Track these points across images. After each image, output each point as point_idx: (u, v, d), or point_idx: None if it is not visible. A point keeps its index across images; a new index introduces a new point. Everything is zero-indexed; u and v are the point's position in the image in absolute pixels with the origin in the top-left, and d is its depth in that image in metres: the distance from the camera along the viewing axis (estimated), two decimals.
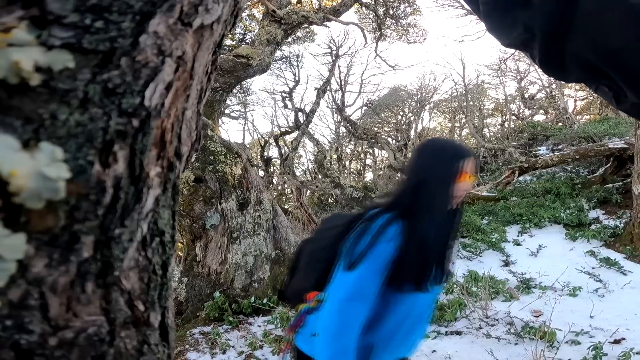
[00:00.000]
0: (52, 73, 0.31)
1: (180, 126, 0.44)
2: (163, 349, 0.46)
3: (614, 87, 0.52)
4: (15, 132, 0.30)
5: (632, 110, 0.54)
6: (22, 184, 0.30)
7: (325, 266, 1.23)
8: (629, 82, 0.49)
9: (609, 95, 0.55)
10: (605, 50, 0.48)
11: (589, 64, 0.50)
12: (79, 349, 0.36)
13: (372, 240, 1.12)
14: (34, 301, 0.33)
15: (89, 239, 0.35)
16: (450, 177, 1.19)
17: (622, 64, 0.48)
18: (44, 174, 0.31)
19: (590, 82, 0.56)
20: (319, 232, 1.44)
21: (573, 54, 0.51)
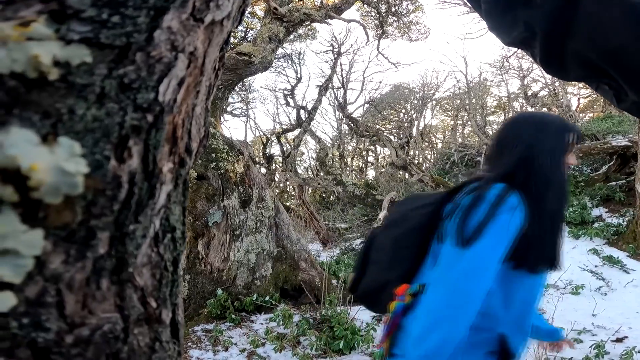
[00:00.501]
0: (70, 67, 0.31)
1: (191, 122, 0.44)
2: (174, 346, 0.46)
3: (615, 85, 0.52)
4: (34, 126, 0.30)
5: (633, 108, 0.55)
6: (42, 178, 0.30)
7: (416, 252, 1.08)
8: (629, 81, 0.49)
9: (610, 94, 0.55)
10: (606, 49, 0.47)
11: (589, 63, 0.50)
12: (94, 347, 0.36)
13: (492, 210, 0.95)
14: (51, 298, 0.33)
15: (104, 234, 0.35)
16: (561, 150, 1.07)
17: (622, 62, 0.48)
18: (63, 168, 0.31)
19: (591, 81, 0.56)
20: (399, 216, 1.22)
21: (573, 53, 0.51)
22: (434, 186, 8.91)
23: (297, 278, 4.77)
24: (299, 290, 4.70)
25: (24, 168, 0.29)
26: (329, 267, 4.95)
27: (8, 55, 0.29)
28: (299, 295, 4.69)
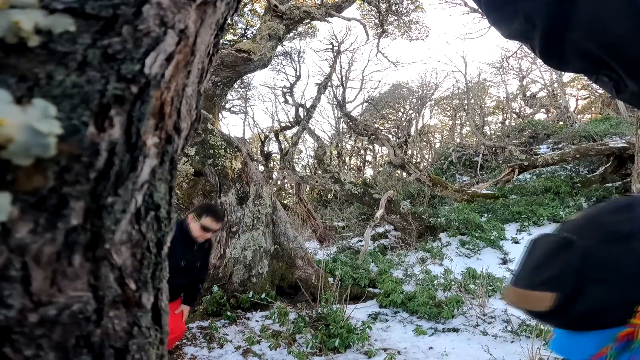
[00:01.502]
0: (52, 36, 0.31)
1: (180, 101, 0.44)
2: (155, 332, 0.44)
3: (614, 77, 0.52)
4: (9, 88, 0.30)
5: (632, 99, 0.55)
6: (10, 134, 0.29)
7: None
8: (628, 72, 0.49)
9: (609, 85, 0.55)
10: (605, 39, 0.48)
11: (589, 54, 0.51)
12: (62, 328, 0.34)
13: None
14: (16, 272, 0.31)
15: (78, 204, 0.33)
16: None
17: (621, 53, 0.48)
18: (35, 127, 0.30)
19: (590, 73, 0.56)
20: None
21: (573, 44, 0.51)
22: (432, 186, 8.92)
23: (294, 276, 4.77)
24: (295, 288, 4.70)
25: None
26: (326, 265, 4.96)
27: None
28: (295, 293, 4.70)
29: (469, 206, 7.91)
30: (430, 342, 3.59)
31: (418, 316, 4.15)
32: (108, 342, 0.38)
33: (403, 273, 5.41)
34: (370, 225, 6.93)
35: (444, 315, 4.01)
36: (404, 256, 6.38)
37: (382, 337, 3.72)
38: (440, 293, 4.58)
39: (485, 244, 6.20)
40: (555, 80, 16.40)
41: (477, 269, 5.04)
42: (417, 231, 7.26)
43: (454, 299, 4.20)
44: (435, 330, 3.85)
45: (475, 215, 7.16)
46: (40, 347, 0.33)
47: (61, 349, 0.34)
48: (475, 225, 6.73)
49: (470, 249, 6.13)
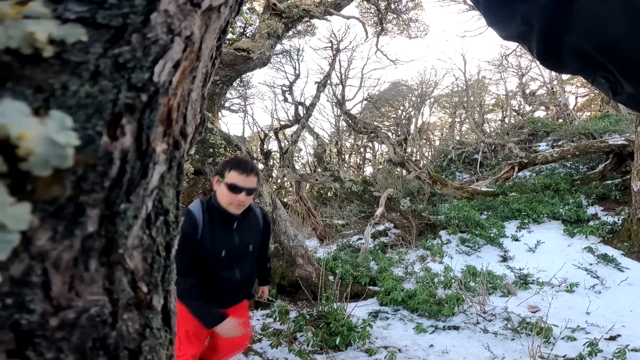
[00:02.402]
0: (65, 45, 0.32)
1: (186, 106, 0.44)
2: (165, 334, 0.45)
3: (611, 78, 0.53)
4: (26, 100, 0.30)
5: (628, 101, 0.55)
6: (31, 147, 0.30)
7: None
8: (624, 73, 0.50)
9: (606, 87, 0.55)
10: (602, 41, 0.48)
11: (586, 55, 0.51)
12: (80, 331, 0.35)
13: None
14: (37, 278, 0.32)
15: (94, 212, 0.34)
16: None
17: (618, 54, 0.48)
18: (54, 139, 0.31)
19: (587, 74, 0.57)
20: None
21: (570, 46, 0.51)
22: (431, 183, 8.92)
23: (294, 274, 4.78)
24: (295, 286, 4.71)
25: (13, 136, 0.29)
26: (326, 263, 4.96)
27: (4, 32, 0.30)
28: (296, 292, 4.71)
29: (469, 204, 7.91)
30: (430, 340, 3.60)
31: (418, 314, 4.16)
32: (122, 343, 0.39)
33: (403, 271, 5.41)
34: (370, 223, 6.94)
35: (444, 313, 4.02)
36: (404, 254, 6.39)
37: (383, 335, 3.73)
38: (440, 291, 4.59)
39: (485, 241, 6.20)
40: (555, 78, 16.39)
41: (477, 267, 5.05)
42: (417, 229, 7.27)
43: (454, 296, 4.20)
44: (435, 328, 3.86)
45: (475, 212, 7.16)
46: (60, 350, 0.34)
47: (80, 351, 0.35)
48: (475, 222, 6.74)
49: (470, 247, 6.14)
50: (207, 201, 2.04)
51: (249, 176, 1.98)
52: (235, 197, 1.96)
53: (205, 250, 1.97)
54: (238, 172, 1.95)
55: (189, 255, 1.94)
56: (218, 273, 2.03)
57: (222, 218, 2.02)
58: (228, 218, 2.04)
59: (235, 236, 2.08)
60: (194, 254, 1.96)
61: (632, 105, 0.57)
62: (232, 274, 2.07)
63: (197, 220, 1.97)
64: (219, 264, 2.03)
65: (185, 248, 1.80)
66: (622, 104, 0.58)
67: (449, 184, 8.95)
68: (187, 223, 1.93)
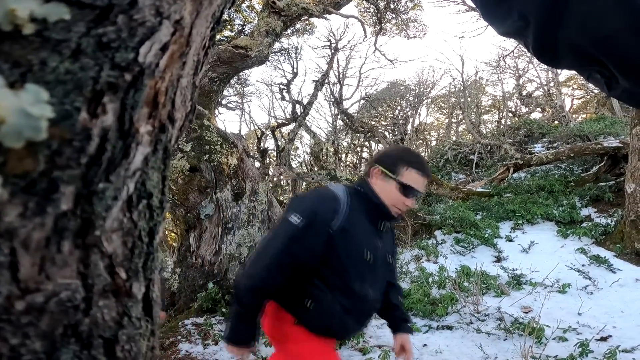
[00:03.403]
0: (47, 24, 0.32)
1: (175, 92, 0.44)
2: (146, 323, 0.44)
3: (606, 73, 0.53)
4: (2, 73, 0.30)
5: (623, 96, 0.56)
6: (2, 115, 0.29)
7: None
8: (619, 68, 0.50)
9: (601, 82, 0.56)
10: (597, 36, 0.49)
11: (581, 51, 0.52)
12: (49, 316, 0.33)
13: None
14: (3, 257, 0.30)
15: (69, 189, 0.33)
16: None
17: (613, 49, 0.49)
18: (27, 110, 0.30)
19: (582, 69, 0.57)
20: None
21: (566, 41, 0.52)
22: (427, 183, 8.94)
23: None
24: None
25: None
26: None
27: None
28: None
29: (464, 204, 7.94)
30: (424, 340, 3.62)
31: (413, 313, 4.17)
32: (97, 331, 0.37)
33: (398, 270, 5.42)
34: None
35: (438, 313, 4.03)
36: (399, 253, 6.40)
37: (377, 334, 3.74)
38: (434, 290, 4.61)
39: (480, 241, 6.23)
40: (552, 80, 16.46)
41: (472, 267, 5.07)
42: (412, 228, 7.29)
43: (448, 296, 4.22)
44: (429, 327, 3.87)
45: (470, 213, 7.19)
46: (26, 336, 0.32)
47: (48, 338, 0.33)
48: (470, 223, 6.76)
49: (464, 247, 6.16)
50: (355, 188, 1.57)
51: (427, 179, 1.63)
52: (405, 200, 1.54)
53: (343, 247, 1.42)
54: (420, 173, 1.57)
55: (303, 246, 1.37)
56: (349, 283, 1.45)
57: (371, 213, 1.54)
58: (379, 215, 1.56)
59: (379, 240, 1.57)
60: (314, 248, 1.39)
61: (628, 101, 0.58)
62: (365, 290, 1.50)
63: (340, 202, 1.45)
64: (355, 272, 1.46)
65: (303, 235, 1.36)
66: (617, 99, 0.58)
67: (445, 184, 8.97)
68: (324, 202, 1.44)
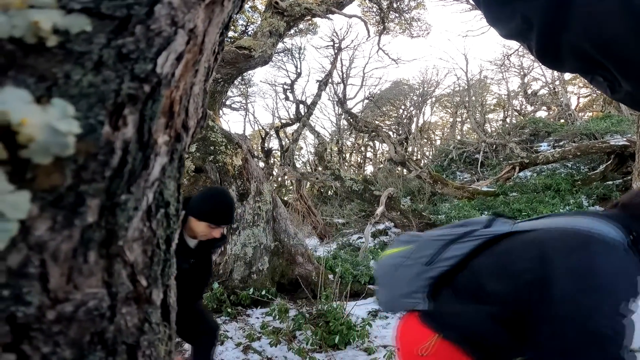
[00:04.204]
0: (69, 35, 0.32)
1: (188, 100, 0.44)
2: (164, 329, 0.45)
3: (609, 77, 0.53)
4: (29, 88, 0.30)
5: (627, 99, 0.56)
6: (32, 133, 0.29)
7: None
8: (622, 71, 0.50)
9: (604, 86, 0.56)
10: (600, 40, 0.49)
11: (584, 54, 0.51)
12: (77, 325, 0.34)
13: None
14: (34, 269, 0.31)
15: (94, 202, 0.34)
16: None
17: (616, 53, 0.49)
18: (55, 127, 0.30)
19: (585, 73, 0.57)
20: None
21: (568, 44, 0.52)
22: (432, 183, 8.92)
23: (294, 272, 4.78)
24: (295, 284, 4.71)
25: (14, 123, 0.29)
26: (326, 262, 4.96)
27: (8, 21, 0.29)
28: (296, 290, 4.71)
29: (469, 203, 7.91)
30: None
31: None
32: (120, 338, 0.38)
33: None
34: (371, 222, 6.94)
35: None
36: None
37: (382, 334, 3.73)
38: None
39: None
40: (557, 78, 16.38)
41: None
42: (417, 228, 7.27)
43: None
44: None
45: (475, 212, 7.16)
46: (57, 344, 0.33)
47: (77, 346, 0.34)
48: None
49: None
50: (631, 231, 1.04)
51: None
52: None
53: None
54: None
55: None
56: None
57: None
58: None
59: None
60: None
61: (631, 104, 0.58)
62: None
63: None
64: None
65: None
66: (620, 102, 0.58)
67: (450, 184, 8.95)
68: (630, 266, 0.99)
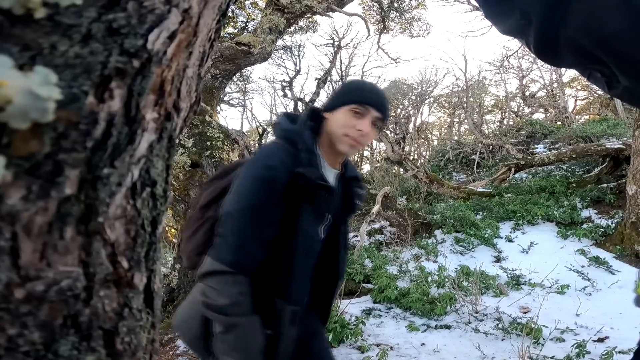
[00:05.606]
0: (59, 8, 0.32)
1: (181, 81, 0.44)
2: (147, 315, 0.43)
3: (606, 72, 0.54)
4: (12, 56, 0.30)
5: (624, 94, 0.56)
6: (10, 95, 0.29)
7: None
8: (620, 67, 0.51)
9: (602, 81, 0.57)
10: (599, 35, 0.49)
11: (582, 49, 0.52)
12: (49, 306, 0.32)
13: None
14: (5, 242, 0.30)
15: (73, 173, 0.33)
16: None
17: (614, 48, 0.49)
18: (34, 91, 0.30)
19: (583, 68, 0.58)
20: None
21: (567, 40, 0.52)
22: (428, 182, 8.94)
23: None
24: None
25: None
26: None
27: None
28: None
29: (465, 204, 7.94)
30: (422, 339, 3.63)
31: (411, 312, 4.18)
32: (97, 322, 0.36)
33: (398, 269, 5.43)
34: (366, 221, 6.95)
35: (436, 312, 4.04)
36: (399, 252, 6.41)
37: (376, 332, 3.75)
38: (433, 290, 4.61)
39: (480, 241, 6.23)
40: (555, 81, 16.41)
41: (471, 267, 5.08)
42: (412, 227, 7.29)
43: (447, 295, 4.23)
44: (427, 326, 3.88)
45: (470, 213, 7.19)
46: (25, 326, 0.31)
47: (47, 329, 0.32)
48: (470, 223, 6.76)
49: (464, 247, 6.16)
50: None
51: None
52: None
53: None
54: None
55: None
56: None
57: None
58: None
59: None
60: None
61: (628, 100, 0.58)
62: None
63: None
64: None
65: None
66: (617, 98, 0.59)
67: (446, 184, 8.97)
68: None
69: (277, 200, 1.11)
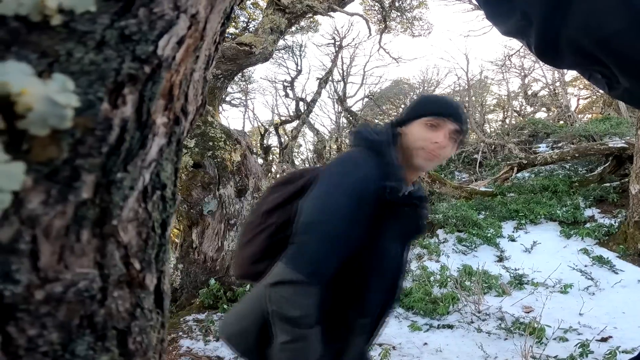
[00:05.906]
0: (74, 15, 0.33)
1: (188, 85, 0.45)
2: (157, 315, 0.44)
3: (607, 73, 0.54)
4: (30, 63, 0.31)
5: (624, 96, 0.56)
6: (30, 103, 0.30)
7: None
8: (621, 68, 0.51)
9: (602, 82, 0.57)
10: (599, 35, 0.49)
11: (583, 50, 0.52)
12: (66, 306, 0.33)
13: None
14: (25, 245, 0.31)
15: (90, 177, 0.34)
16: None
17: (615, 49, 0.49)
18: (53, 99, 0.31)
19: (584, 69, 0.58)
20: None
21: (567, 40, 0.52)
22: (430, 182, 8.94)
23: None
24: None
25: (13, 92, 0.29)
26: None
27: None
28: None
29: (467, 203, 7.93)
30: (425, 338, 3.63)
31: (414, 312, 4.18)
32: (111, 322, 0.37)
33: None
34: None
35: (439, 312, 4.04)
36: None
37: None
38: (436, 289, 4.61)
39: (482, 241, 6.22)
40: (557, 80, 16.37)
41: (474, 266, 5.07)
42: None
43: (449, 295, 4.23)
44: (430, 326, 3.88)
45: (473, 212, 7.18)
46: (44, 327, 0.32)
47: (65, 329, 0.33)
48: (472, 222, 6.75)
49: (467, 246, 6.15)
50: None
51: None
52: None
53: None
54: None
55: None
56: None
57: None
58: None
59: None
60: None
61: (629, 101, 0.58)
62: None
63: None
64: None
65: None
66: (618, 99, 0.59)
67: (448, 183, 8.96)
68: None
69: (366, 214, 1.06)
